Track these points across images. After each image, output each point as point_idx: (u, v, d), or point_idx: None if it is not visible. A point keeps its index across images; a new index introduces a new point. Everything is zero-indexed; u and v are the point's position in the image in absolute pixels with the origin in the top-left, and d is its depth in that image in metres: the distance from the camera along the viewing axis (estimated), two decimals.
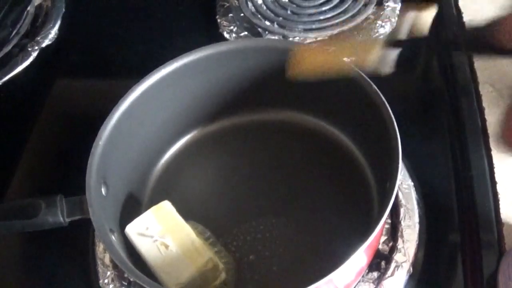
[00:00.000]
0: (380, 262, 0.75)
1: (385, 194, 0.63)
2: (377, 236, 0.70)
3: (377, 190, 0.77)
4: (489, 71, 0.92)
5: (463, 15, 1.03)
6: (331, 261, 0.59)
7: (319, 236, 0.76)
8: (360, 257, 0.62)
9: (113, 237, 0.67)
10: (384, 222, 0.62)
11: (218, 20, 1.09)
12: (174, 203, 0.79)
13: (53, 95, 1.05)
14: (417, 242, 0.76)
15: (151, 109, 0.79)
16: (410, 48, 1.02)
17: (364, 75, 0.72)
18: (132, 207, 0.79)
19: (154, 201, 0.80)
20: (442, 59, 0.97)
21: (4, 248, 0.86)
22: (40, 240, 0.83)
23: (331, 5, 1.06)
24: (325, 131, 0.85)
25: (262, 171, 0.84)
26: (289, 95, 0.84)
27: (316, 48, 0.68)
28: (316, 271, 0.59)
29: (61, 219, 0.69)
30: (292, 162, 0.84)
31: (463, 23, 1.01)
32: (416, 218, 0.77)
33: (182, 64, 0.79)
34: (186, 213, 0.76)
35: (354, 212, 0.77)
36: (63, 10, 1.18)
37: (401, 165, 0.63)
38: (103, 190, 0.70)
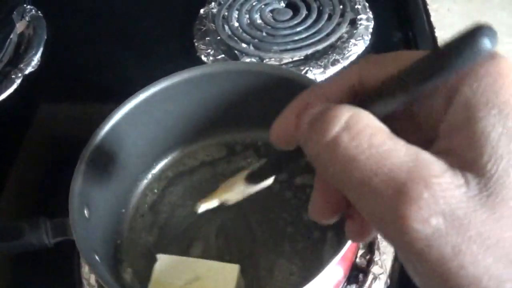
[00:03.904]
0: (357, 275, 0.76)
1: None
2: (351, 249, 0.72)
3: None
4: None
5: (435, 30, 1.05)
6: (306, 272, 0.61)
7: (296, 248, 0.77)
8: (334, 270, 0.63)
9: (96, 258, 0.67)
10: None
11: (196, 44, 1.11)
12: (155, 227, 0.81)
13: (37, 120, 1.06)
14: (393, 254, 0.77)
15: (131, 132, 0.80)
16: None
17: None
18: (115, 228, 0.81)
19: (136, 223, 0.82)
20: None
21: None
22: (26, 262, 0.84)
23: (305, 25, 1.08)
24: None
25: None
26: (265, 115, 0.84)
27: None
28: (292, 283, 0.61)
29: (46, 240, 0.70)
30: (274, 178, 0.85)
31: (435, 38, 1.03)
32: None
33: (160, 88, 0.80)
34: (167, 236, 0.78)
35: (332, 226, 0.79)
36: (45, 37, 1.20)
37: None
38: (85, 212, 0.71)
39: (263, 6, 1.14)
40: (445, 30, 1.05)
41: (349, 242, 0.61)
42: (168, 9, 1.23)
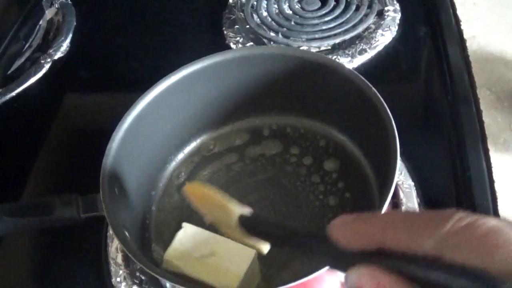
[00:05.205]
0: None
1: (384, 188, 0.64)
2: None
3: (378, 190, 0.78)
4: (486, 75, 0.94)
5: (461, 22, 1.05)
6: None
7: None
8: None
9: (126, 233, 0.68)
10: None
11: (225, 32, 1.12)
12: (183, 208, 0.82)
13: (67, 102, 1.08)
14: None
15: (162, 114, 0.81)
16: (411, 54, 1.05)
17: (363, 79, 0.74)
18: (144, 209, 0.82)
19: (164, 204, 0.83)
20: (441, 64, 0.99)
21: (21, 248, 0.88)
22: (55, 241, 0.85)
23: (333, 15, 1.09)
24: (328, 133, 0.86)
25: (270, 173, 0.86)
26: (293, 99, 0.86)
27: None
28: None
29: (77, 215, 0.71)
30: (299, 163, 0.86)
31: (461, 31, 1.04)
32: None
33: (191, 71, 0.81)
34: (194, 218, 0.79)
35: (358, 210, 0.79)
36: (74, 23, 1.21)
37: (399, 160, 0.64)
38: (116, 190, 0.72)
39: None
40: (470, 23, 1.05)
41: None
42: None
